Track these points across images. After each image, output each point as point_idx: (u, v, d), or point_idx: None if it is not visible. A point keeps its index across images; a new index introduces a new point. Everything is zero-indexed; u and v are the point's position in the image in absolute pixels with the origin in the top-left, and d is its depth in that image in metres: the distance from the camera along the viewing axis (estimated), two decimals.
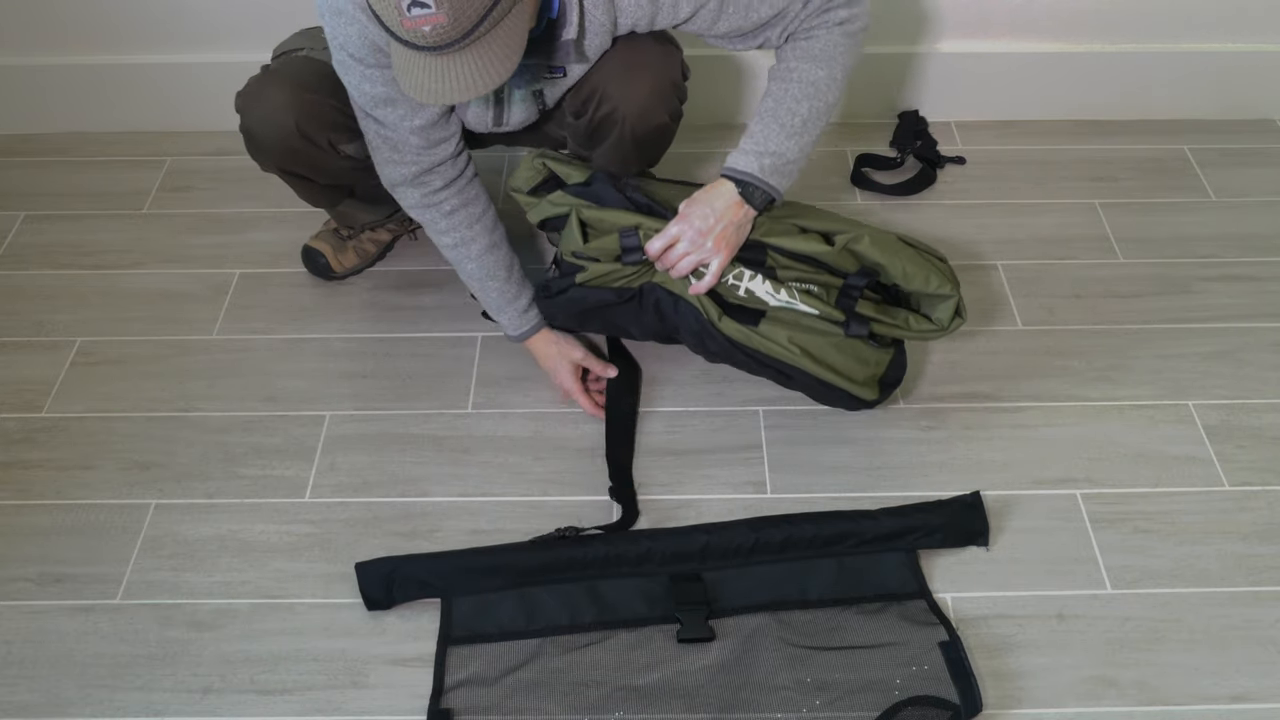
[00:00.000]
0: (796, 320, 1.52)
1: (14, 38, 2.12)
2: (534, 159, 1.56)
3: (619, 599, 1.43)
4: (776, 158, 1.46)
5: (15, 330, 1.83)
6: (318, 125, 1.57)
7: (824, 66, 1.45)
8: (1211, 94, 2.21)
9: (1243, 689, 1.35)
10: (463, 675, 1.36)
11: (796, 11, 1.43)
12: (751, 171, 1.45)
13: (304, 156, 1.61)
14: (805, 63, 1.45)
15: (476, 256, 1.60)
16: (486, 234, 1.60)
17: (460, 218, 1.57)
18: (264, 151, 1.61)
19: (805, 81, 1.45)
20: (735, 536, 1.46)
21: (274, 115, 1.55)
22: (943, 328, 1.51)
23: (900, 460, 1.61)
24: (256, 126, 1.57)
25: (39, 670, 1.39)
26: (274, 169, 1.65)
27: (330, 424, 1.67)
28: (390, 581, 1.43)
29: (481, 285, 1.63)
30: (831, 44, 1.44)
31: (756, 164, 1.45)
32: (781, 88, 1.46)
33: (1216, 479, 1.59)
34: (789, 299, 1.51)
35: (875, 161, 2.14)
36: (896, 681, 1.34)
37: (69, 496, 1.58)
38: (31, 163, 2.17)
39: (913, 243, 1.53)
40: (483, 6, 1.18)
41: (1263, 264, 1.92)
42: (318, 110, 1.56)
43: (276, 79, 1.57)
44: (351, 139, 1.60)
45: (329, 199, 1.78)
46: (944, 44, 2.15)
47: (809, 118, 1.46)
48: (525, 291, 1.65)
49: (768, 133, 1.45)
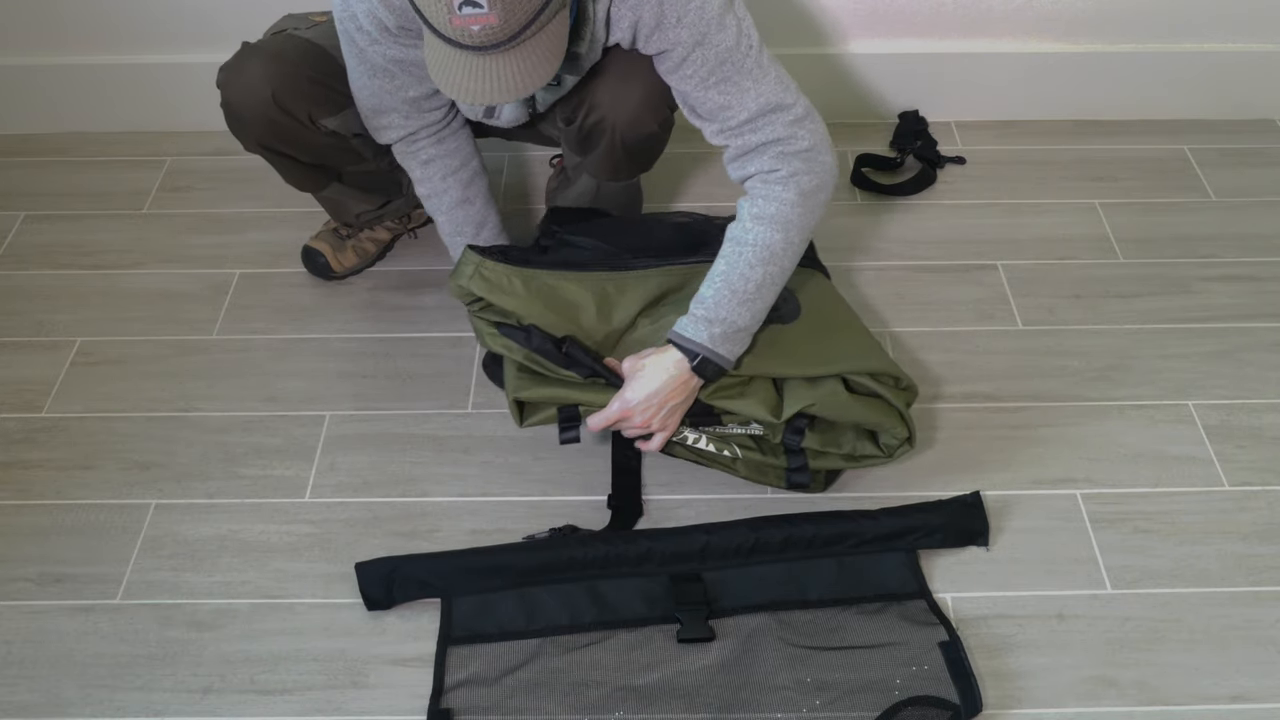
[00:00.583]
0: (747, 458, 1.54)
1: (14, 38, 2.12)
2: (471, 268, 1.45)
3: (619, 599, 1.43)
4: (727, 325, 1.39)
5: (15, 330, 1.83)
6: (296, 98, 1.56)
7: (779, 230, 1.39)
8: (1211, 94, 2.21)
9: (1243, 689, 1.35)
10: (463, 675, 1.36)
11: (741, 120, 1.38)
12: (701, 341, 1.39)
13: (283, 130, 1.60)
14: (761, 225, 1.39)
15: (446, 210, 1.62)
16: (460, 188, 1.61)
17: (435, 168, 1.59)
18: (243, 125, 1.60)
19: (760, 245, 1.39)
20: (735, 536, 1.46)
21: (251, 86, 1.55)
22: (889, 455, 1.51)
23: (900, 460, 1.61)
24: (235, 99, 1.57)
25: (39, 670, 1.39)
26: (256, 147, 1.64)
27: (330, 424, 1.67)
28: (390, 581, 1.43)
29: (450, 240, 1.66)
30: (785, 205, 1.39)
31: (706, 333, 1.39)
32: (736, 251, 1.40)
33: (1216, 479, 1.59)
34: (733, 452, 1.52)
35: (875, 161, 2.14)
36: (896, 681, 1.34)
37: (69, 496, 1.58)
38: (31, 163, 2.17)
39: (869, 387, 1.46)
40: (533, 9, 1.17)
41: (1263, 264, 1.92)
42: (295, 83, 1.56)
43: (254, 52, 1.57)
44: (333, 113, 1.60)
45: (314, 181, 1.76)
46: (944, 44, 2.15)
47: (763, 283, 1.40)
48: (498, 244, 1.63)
49: (719, 299, 1.39)
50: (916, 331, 1.80)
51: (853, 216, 2.04)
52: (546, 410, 1.48)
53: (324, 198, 1.81)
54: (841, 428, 1.51)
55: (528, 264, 1.47)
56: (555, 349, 1.42)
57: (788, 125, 1.38)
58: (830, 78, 2.18)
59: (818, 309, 1.54)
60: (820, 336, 1.51)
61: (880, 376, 1.47)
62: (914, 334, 1.80)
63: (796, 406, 1.44)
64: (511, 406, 1.47)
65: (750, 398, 1.46)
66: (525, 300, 1.44)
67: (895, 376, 1.48)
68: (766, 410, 1.45)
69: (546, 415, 1.48)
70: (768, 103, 1.37)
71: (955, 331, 1.80)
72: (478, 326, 1.50)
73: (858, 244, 1.97)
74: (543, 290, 1.46)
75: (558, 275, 1.47)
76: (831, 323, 1.54)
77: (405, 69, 1.47)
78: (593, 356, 1.44)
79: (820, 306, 1.56)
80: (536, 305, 1.44)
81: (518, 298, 1.44)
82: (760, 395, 1.46)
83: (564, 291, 1.47)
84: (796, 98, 1.40)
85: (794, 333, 1.50)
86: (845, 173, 2.13)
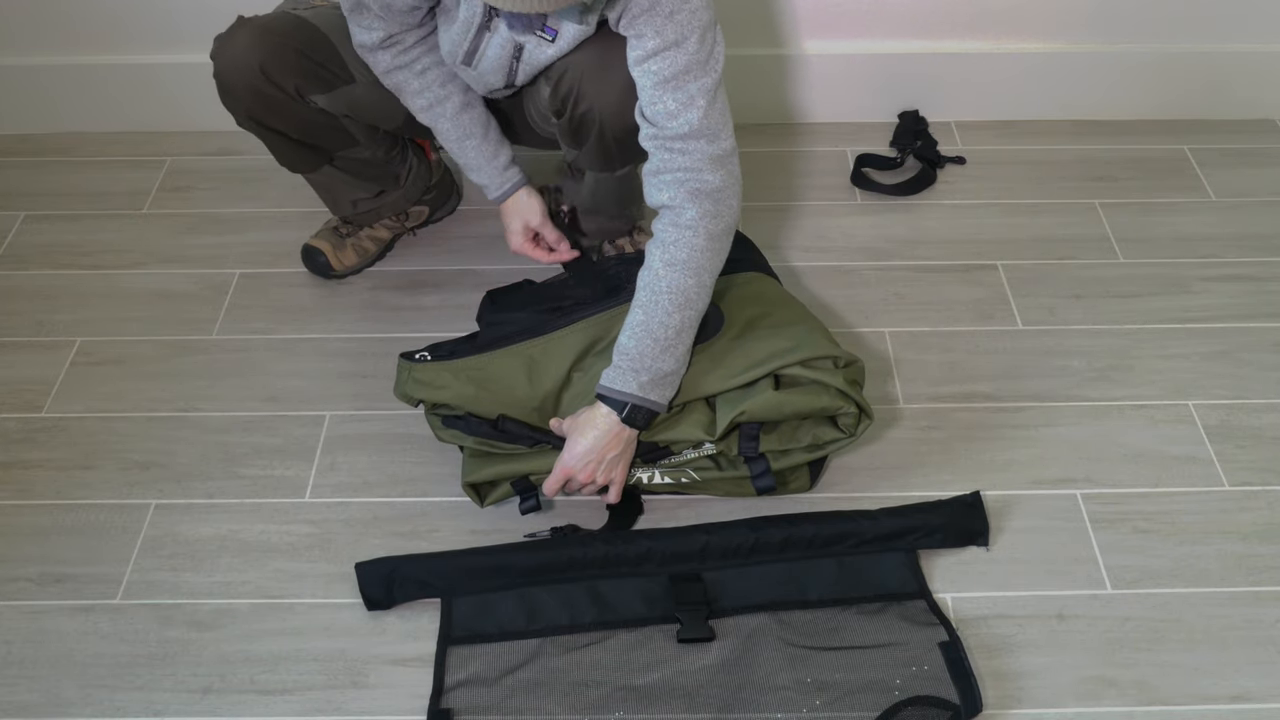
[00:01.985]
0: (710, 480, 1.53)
1: (14, 37, 2.12)
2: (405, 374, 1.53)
3: (619, 599, 1.42)
4: (654, 372, 1.41)
5: (15, 330, 1.83)
6: (283, 70, 1.58)
7: (692, 275, 1.42)
8: (1211, 94, 2.21)
9: (1243, 689, 1.35)
10: (463, 675, 1.35)
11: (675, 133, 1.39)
12: (630, 391, 1.41)
13: (271, 102, 1.61)
14: (673, 272, 1.41)
15: (452, 115, 1.62)
16: (460, 92, 1.62)
17: (433, 76, 1.59)
18: (232, 95, 1.62)
19: (676, 291, 1.41)
20: (735, 536, 1.46)
21: (239, 56, 1.57)
22: (850, 434, 1.50)
23: (900, 460, 1.61)
24: (224, 68, 1.60)
25: (39, 670, 1.39)
26: (245, 120, 1.66)
27: (330, 424, 1.67)
28: (390, 581, 1.43)
29: (460, 145, 1.65)
30: (695, 251, 1.41)
31: (635, 382, 1.41)
32: (652, 299, 1.42)
33: (1216, 479, 1.59)
34: (690, 479, 1.52)
35: (875, 161, 2.14)
36: (896, 682, 1.34)
37: (69, 496, 1.58)
38: (31, 163, 2.17)
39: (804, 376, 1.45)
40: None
41: (1263, 264, 1.92)
42: (283, 54, 1.58)
43: (245, 23, 1.60)
44: (323, 89, 1.62)
45: (306, 161, 1.77)
46: (944, 44, 2.15)
47: (681, 328, 1.42)
48: (504, 150, 1.68)
49: (642, 349, 1.41)
50: (916, 331, 1.80)
51: (853, 216, 2.04)
52: (501, 487, 1.52)
53: (317, 183, 1.82)
54: (793, 424, 1.50)
55: (453, 355, 1.53)
56: (492, 429, 1.49)
57: (710, 159, 1.41)
58: (830, 77, 2.18)
59: (743, 314, 1.55)
60: (746, 341, 1.50)
61: (812, 362, 1.46)
62: (914, 334, 1.80)
63: (728, 418, 1.44)
64: (467, 490, 1.51)
65: (684, 422, 1.47)
66: (458, 390, 1.50)
67: (832, 357, 1.47)
68: (701, 430, 1.46)
69: (503, 491, 1.52)
70: (705, 127, 1.40)
71: (955, 331, 1.80)
72: (430, 422, 1.55)
73: (858, 244, 1.97)
74: (472, 376, 1.51)
75: (483, 358, 1.53)
76: (758, 323, 1.54)
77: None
78: (529, 427, 1.49)
79: (745, 310, 1.56)
80: (469, 390, 1.50)
81: (450, 390, 1.50)
82: (694, 417, 1.47)
83: (493, 370, 1.52)
84: (729, 136, 1.43)
85: (719, 346, 1.51)
86: (845, 173, 2.13)
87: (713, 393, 1.47)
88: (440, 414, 1.53)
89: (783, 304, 1.60)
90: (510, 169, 1.69)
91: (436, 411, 1.54)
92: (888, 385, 1.71)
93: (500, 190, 1.70)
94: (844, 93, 2.21)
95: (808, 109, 2.24)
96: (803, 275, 1.90)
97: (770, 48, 2.16)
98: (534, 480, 1.50)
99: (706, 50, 1.39)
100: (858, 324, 1.81)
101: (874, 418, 1.50)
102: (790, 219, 2.03)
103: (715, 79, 1.40)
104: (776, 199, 2.07)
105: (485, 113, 1.66)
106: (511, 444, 1.49)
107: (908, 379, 1.72)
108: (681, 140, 1.41)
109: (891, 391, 1.70)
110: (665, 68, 1.39)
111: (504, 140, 1.69)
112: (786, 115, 2.25)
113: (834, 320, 1.80)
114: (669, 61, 1.38)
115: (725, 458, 1.51)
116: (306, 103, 1.62)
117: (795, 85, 2.20)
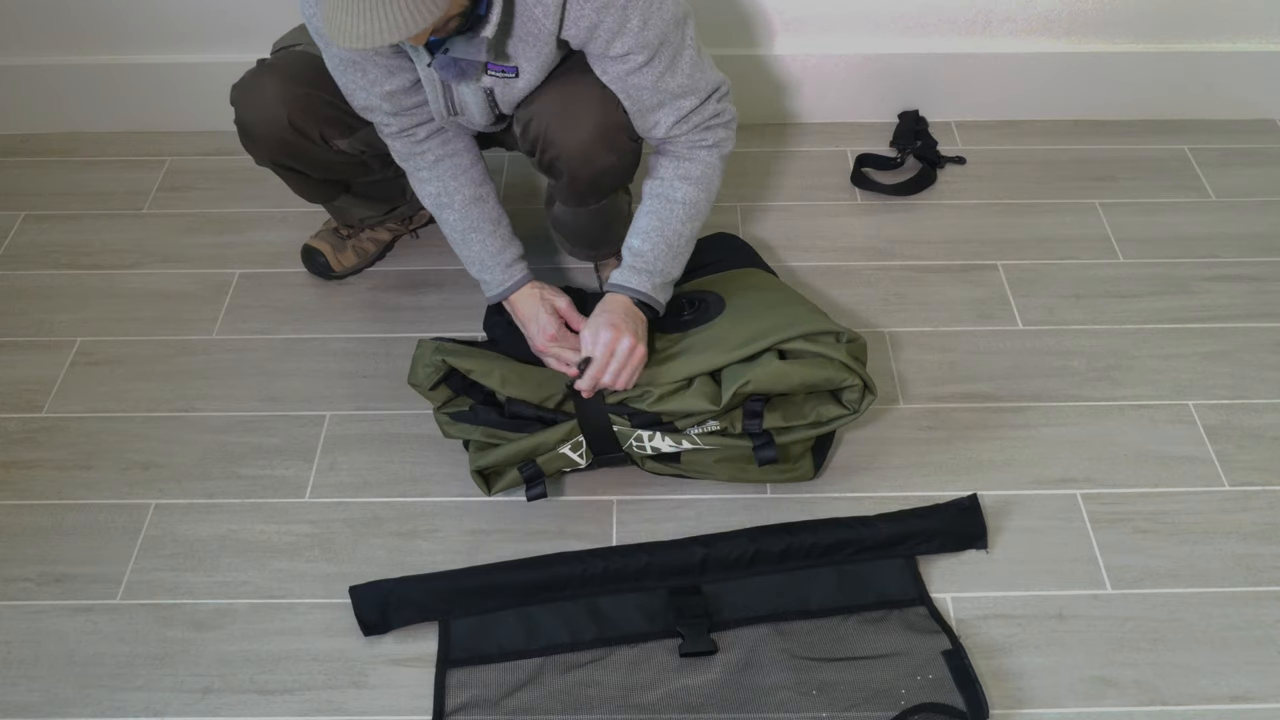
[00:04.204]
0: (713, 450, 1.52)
1: (14, 38, 2.12)
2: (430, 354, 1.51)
3: (619, 615, 1.41)
4: (664, 275, 1.52)
5: (15, 330, 1.83)
6: (310, 118, 1.57)
7: (703, 190, 1.51)
8: (1211, 94, 2.21)
9: (1243, 689, 1.35)
10: (464, 698, 1.34)
11: (693, 107, 1.46)
12: (645, 290, 1.50)
13: (296, 149, 1.61)
14: (687, 185, 1.50)
15: (460, 206, 1.57)
16: (473, 185, 1.58)
17: (445, 167, 1.57)
18: (257, 144, 1.62)
19: (689, 203, 1.50)
20: (734, 547, 1.45)
21: (266, 108, 1.56)
22: (854, 410, 1.50)
23: (900, 460, 1.61)
24: (249, 119, 1.59)
25: (39, 670, 1.39)
26: (268, 162, 1.66)
27: (330, 424, 1.67)
28: (385, 606, 1.41)
29: (464, 239, 1.58)
30: (709, 168, 1.51)
31: (649, 283, 1.51)
32: (666, 208, 1.50)
33: (1216, 479, 1.59)
34: (694, 443, 1.51)
35: (875, 161, 2.14)
36: (902, 691, 1.33)
37: (69, 496, 1.58)
38: (31, 163, 2.17)
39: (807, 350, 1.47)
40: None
41: (1263, 264, 1.92)
42: (310, 104, 1.57)
43: (269, 72, 1.58)
44: (345, 134, 1.61)
45: (324, 194, 1.78)
46: (944, 44, 2.15)
47: (690, 238, 1.53)
48: (512, 246, 1.60)
49: (657, 253, 1.50)
50: (916, 331, 1.80)
51: (853, 216, 2.04)
52: (509, 474, 1.52)
53: (331, 205, 1.82)
54: (798, 399, 1.50)
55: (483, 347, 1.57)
56: (500, 415, 1.51)
57: (719, 100, 1.50)
58: (830, 77, 2.18)
59: (743, 298, 1.59)
60: (748, 319, 1.54)
61: (815, 336, 1.48)
62: (914, 334, 1.80)
63: (733, 387, 1.45)
64: (475, 479, 1.51)
65: (689, 394, 1.48)
66: (485, 364, 1.50)
67: (834, 332, 1.49)
68: (707, 401, 1.46)
69: (510, 479, 1.52)
70: (702, 83, 1.46)
71: (955, 331, 1.80)
72: (438, 420, 1.55)
73: (858, 244, 1.97)
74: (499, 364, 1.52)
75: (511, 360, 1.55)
76: (759, 304, 1.57)
77: (369, 58, 1.46)
78: (536, 407, 1.50)
79: (745, 295, 1.60)
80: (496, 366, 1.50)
81: (477, 360, 1.50)
82: (699, 388, 1.48)
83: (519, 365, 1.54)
84: (719, 75, 1.50)
85: (721, 325, 1.55)
86: (845, 173, 2.13)
87: (717, 367, 1.48)
88: (449, 411, 1.53)
89: (780, 290, 1.63)
90: (516, 265, 1.59)
91: (445, 410, 1.54)
92: (888, 385, 1.71)
93: (503, 286, 1.58)
94: (844, 93, 2.21)
95: (808, 109, 2.24)
96: (803, 275, 1.90)
97: (770, 48, 2.16)
98: (541, 464, 1.50)
99: (679, 26, 1.42)
100: (858, 324, 1.81)
101: (878, 393, 1.51)
102: (790, 219, 2.03)
103: (694, 43, 1.44)
104: (776, 199, 2.07)
105: (496, 208, 1.60)
106: (520, 432, 1.49)
107: (908, 379, 1.72)
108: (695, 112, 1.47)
109: (891, 392, 1.70)
110: (660, 67, 1.41)
111: (514, 238, 1.62)
112: (787, 115, 2.25)
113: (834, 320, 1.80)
114: (661, 62, 1.41)
115: (731, 434, 1.51)
116: (330, 146, 1.62)
117: (795, 85, 2.20)
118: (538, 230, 1.88)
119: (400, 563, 1.49)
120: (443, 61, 1.40)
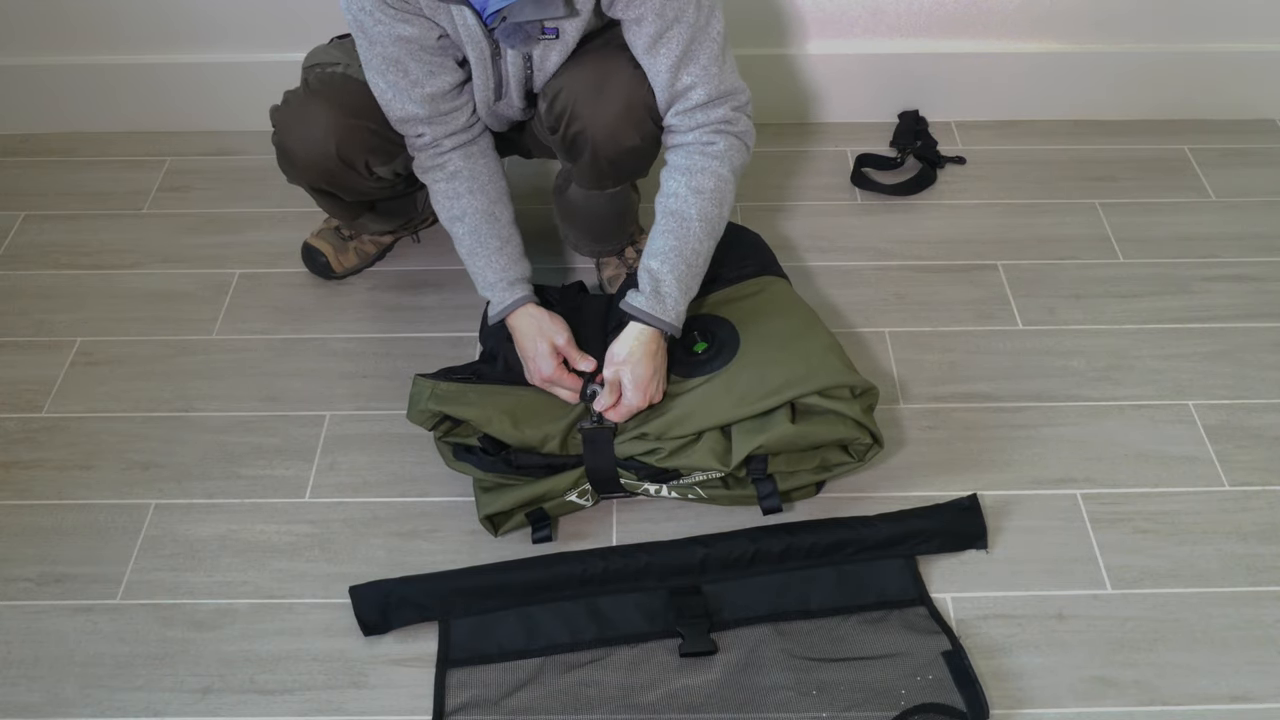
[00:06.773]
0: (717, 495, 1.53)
1: (14, 37, 2.12)
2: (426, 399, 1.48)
3: (619, 615, 1.41)
4: (684, 298, 1.49)
5: (15, 330, 1.83)
6: (357, 150, 1.57)
7: (717, 205, 1.49)
8: (1211, 94, 2.21)
9: (1243, 689, 1.35)
10: (464, 698, 1.33)
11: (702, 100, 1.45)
12: (669, 320, 1.47)
13: (339, 178, 1.61)
14: (702, 199, 1.47)
15: (471, 219, 1.56)
16: (488, 201, 1.57)
17: (462, 181, 1.56)
18: (298, 170, 1.61)
19: (706, 220, 1.48)
20: (734, 547, 1.45)
21: (313, 139, 1.55)
22: (859, 459, 1.50)
23: (900, 460, 1.61)
24: (295, 146, 1.57)
25: (39, 670, 1.39)
26: (303, 185, 1.66)
27: (330, 424, 1.67)
28: (385, 606, 1.41)
29: (470, 252, 1.57)
30: (722, 181, 1.48)
31: (673, 311, 1.48)
32: (683, 226, 1.47)
33: (1216, 479, 1.59)
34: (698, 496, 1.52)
35: (875, 161, 2.14)
36: (902, 691, 1.33)
37: (69, 496, 1.58)
38: (31, 163, 2.17)
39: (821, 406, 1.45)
40: None
41: (1263, 264, 1.92)
42: (358, 135, 1.56)
43: (319, 101, 1.55)
44: (386, 161, 1.60)
45: (351, 213, 1.79)
46: (944, 44, 2.15)
47: (708, 255, 1.51)
48: (518, 265, 1.58)
49: (677, 274, 1.47)
50: (916, 331, 1.80)
51: (853, 216, 2.04)
52: (516, 517, 1.50)
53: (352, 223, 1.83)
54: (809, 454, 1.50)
55: (479, 378, 1.53)
56: (505, 464, 1.48)
57: (735, 109, 1.48)
58: (830, 77, 2.18)
59: (757, 328, 1.55)
60: (761, 367, 1.49)
61: (830, 392, 1.45)
62: (914, 334, 1.80)
63: (745, 450, 1.43)
64: (484, 523, 1.49)
65: (698, 450, 1.45)
66: (482, 411, 1.47)
67: (849, 386, 1.46)
68: (716, 460, 1.44)
69: (517, 521, 1.51)
70: (723, 89, 1.46)
71: (955, 331, 1.80)
72: (440, 450, 1.54)
73: (858, 244, 1.97)
74: (499, 403, 1.48)
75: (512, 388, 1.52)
76: (774, 340, 1.53)
77: (413, 54, 1.46)
78: (541, 455, 1.48)
79: (759, 324, 1.56)
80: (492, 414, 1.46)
81: (475, 408, 1.47)
82: (708, 445, 1.45)
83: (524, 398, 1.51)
84: (744, 87, 1.50)
85: (733, 370, 1.50)
86: (845, 173, 2.13)
87: (728, 421, 1.46)
88: (451, 442, 1.51)
89: (795, 313, 1.58)
90: (519, 284, 1.57)
91: (448, 440, 1.52)
92: (888, 385, 1.71)
93: (505, 303, 1.55)
94: (844, 93, 2.21)
95: (808, 109, 2.24)
96: (803, 275, 1.90)
97: (771, 48, 2.16)
98: (548, 509, 1.50)
99: (705, 15, 1.41)
100: (858, 324, 1.81)
101: (884, 446, 1.50)
102: (790, 219, 2.03)
103: (720, 40, 1.43)
104: (777, 199, 2.07)
105: (509, 227, 1.59)
106: (524, 476, 1.49)
107: (908, 379, 1.72)
108: (703, 109, 1.46)
109: (891, 392, 1.70)
110: (674, 49, 1.41)
111: (523, 259, 1.60)
112: (787, 115, 2.25)
113: (834, 320, 1.80)
114: (675, 42, 1.40)
115: (733, 478, 1.50)
116: (371, 174, 1.61)
117: (795, 85, 2.20)
118: (540, 230, 1.88)
119: (400, 563, 1.49)
120: (506, 29, 1.41)
